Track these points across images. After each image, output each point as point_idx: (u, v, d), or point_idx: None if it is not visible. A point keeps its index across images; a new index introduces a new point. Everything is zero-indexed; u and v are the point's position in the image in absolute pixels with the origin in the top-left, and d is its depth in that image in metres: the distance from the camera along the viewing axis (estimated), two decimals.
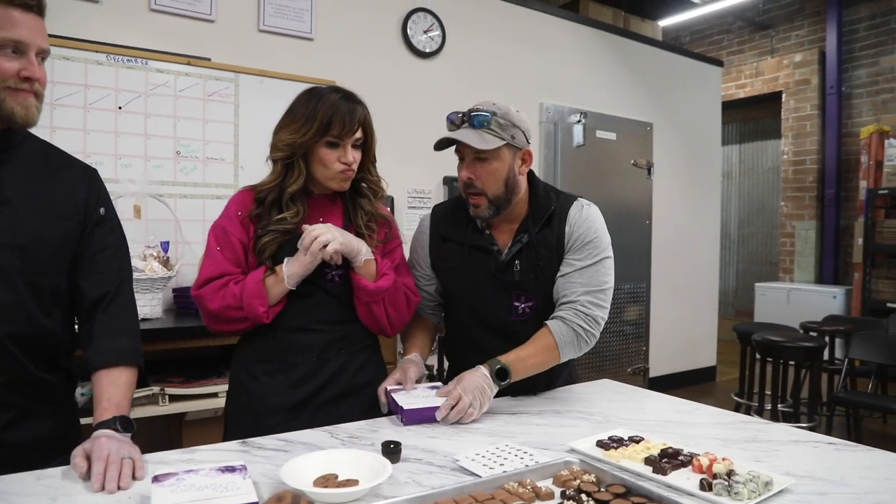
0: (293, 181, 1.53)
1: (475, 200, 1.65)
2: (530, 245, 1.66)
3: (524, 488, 1.08)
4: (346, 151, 1.52)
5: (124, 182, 2.95)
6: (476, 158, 1.63)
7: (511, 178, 1.64)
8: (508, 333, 1.66)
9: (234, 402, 1.62)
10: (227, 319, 1.52)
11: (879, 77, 6.65)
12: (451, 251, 1.73)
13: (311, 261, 1.48)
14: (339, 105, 1.51)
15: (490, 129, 1.60)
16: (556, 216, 1.68)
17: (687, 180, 5.68)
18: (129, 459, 1.15)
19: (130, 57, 3.01)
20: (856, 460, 1.31)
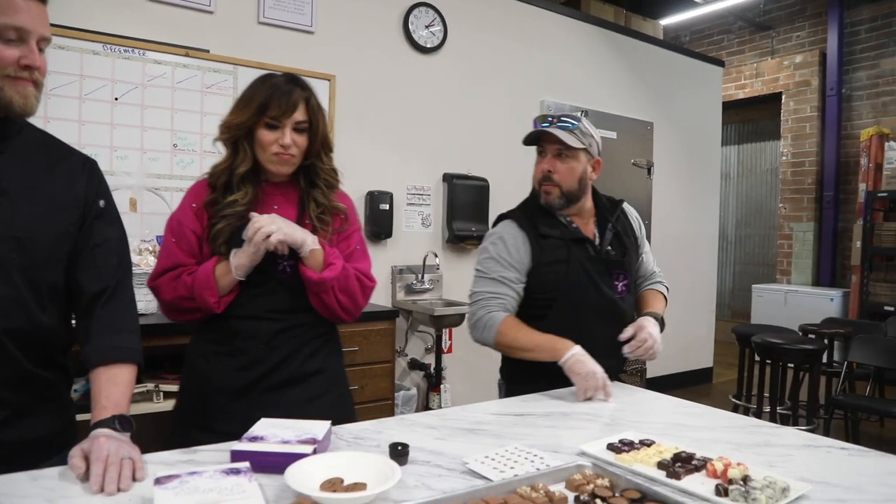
0: (240, 162, 1.54)
1: (548, 188, 1.87)
2: (618, 234, 1.97)
3: (537, 493, 1.05)
4: (284, 133, 1.51)
5: (120, 175, 2.90)
6: (557, 155, 1.86)
7: (583, 178, 1.89)
8: (613, 311, 1.90)
9: (185, 381, 1.65)
10: (180, 310, 1.56)
11: (880, 79, 6.65)
12: (551, 246, 1.89)
13: (254, 251, 1.49)
14: (279, 87, 1.52)
15: (574, 133, 1.84)
16: (621, 212, 2.03)
17: (686, 180, 5.66)
18: (128, 460, 1.11)
19: (127, 47, 2.96)
20: (870, 466, 1.29)
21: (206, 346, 1.60)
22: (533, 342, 1.78)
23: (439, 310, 3.62)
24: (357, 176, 3.72)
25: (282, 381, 1.57)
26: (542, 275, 1.87)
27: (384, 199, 3.73)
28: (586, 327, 1.81)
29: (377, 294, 3.77)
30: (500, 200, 4.27)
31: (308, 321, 1.61)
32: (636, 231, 2.04)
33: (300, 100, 1.53)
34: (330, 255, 1.55)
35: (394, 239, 3.85)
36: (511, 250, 1.88)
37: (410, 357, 3.94)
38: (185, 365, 1.66)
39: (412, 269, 3.90)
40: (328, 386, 1.64)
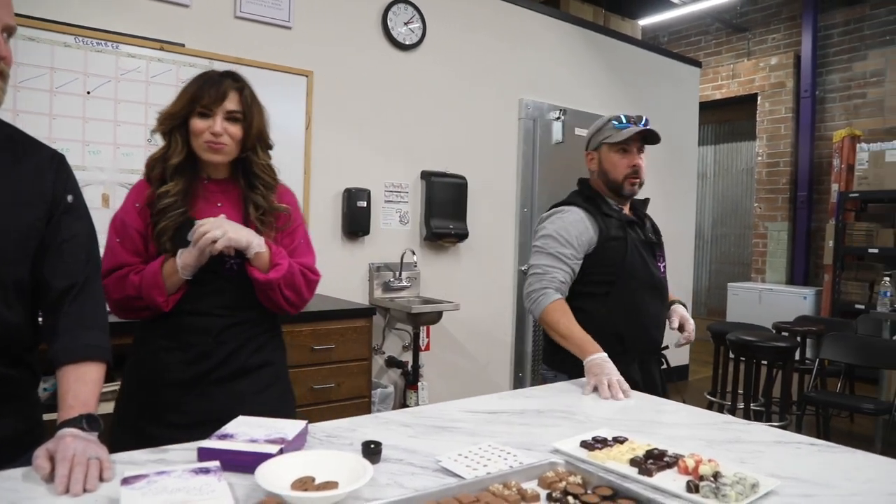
0: (173, 153, 1.56)
1: (633, 180, 2.09)
2: (652, 222, 2.28)
3: (509, 490, 1.05)
4: (215, 121, 1.54)
5: (92, 170, 2.86)
6: (640, 152, 2.11)
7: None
8: (660, 289, 2.13)
9: (133, 376, 1.65)
10: (129, 309, 1.57)
11: (852, 82, 6.76)
12: (613, 225, 2.07)
13: (199, 253, 1.51)
14: (211, 78, 1.58)
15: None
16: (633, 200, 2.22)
17: (663, 180, 5.71)
18: (95, 460, 1.09)
19: (100, 40, 2.91)
20: (838, 461, 1.30)
21: (155, 341, 1.61)
22: (570, 332, 1.91)
23: (417, 307, 3.61)
24: (334, 173, 3.71)
25: (230, 373, 1.62)
26: (606, 250, 2.05)
27: (362, 196, 3.71)
28: (642, 303, 2.05)
29: (354, 292, 3.76)
30: (479, 198, 4.28)
31: (254, 317, 1.66)
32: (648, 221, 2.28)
33: (231, 89, 1.57)
34: (276, 255, 1.59)
35: (371, 236, 3.84)
36: (570, 229, 2.03)
37: (388, 355, 3.93)
38: (131, 361, 1.66)
39: (390, 266, 3.89)
40: (274, 379, 1.70)
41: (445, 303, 3.78)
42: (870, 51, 6.61)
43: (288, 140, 3.50)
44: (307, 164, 3.58)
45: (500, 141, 4.46)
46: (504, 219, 4.51)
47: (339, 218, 3.74)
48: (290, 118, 3.51)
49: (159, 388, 1.59)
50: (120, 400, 1.67)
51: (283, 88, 3.48)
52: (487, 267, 4.42)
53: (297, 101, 3.53)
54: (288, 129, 3.50)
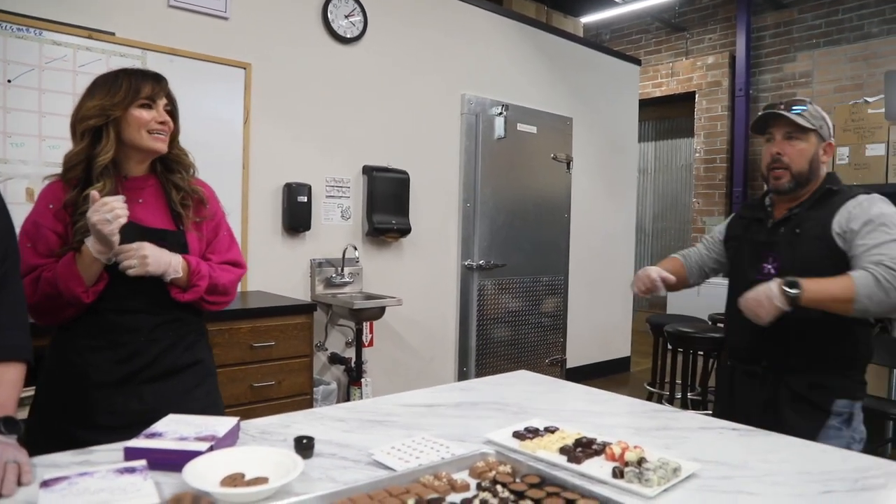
0: (102, 151, 1.52)
1: (778, 173, 1.84)
2: (798, 216, 1.83)
3: (440, 481, 1.06)
4: (160, 112, 1.57)
5: (15, 163, 2.74)
6: (786, 138, 1.83)
7: (814, 160, 1.83)
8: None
9: (54, 378, 1.60)
10: (49, 310, 1.52)
11: (783, 82, 7.03)
12: (738, 225, 2.02)
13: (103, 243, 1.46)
14: (143, 74, 1.59)
15: (804, 116, 1.81)
16: (828, 196, 1.81)
17: (605, 175, 5.83)
18: (13, 464, 1.05)
19: (21, 26, 2.78)
20: (757, 444, 1.37)
21: (80, 341, 1.56)
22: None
23: (359, 303, 3.60)
24: (274, 168, 3.65)
25: (161, 372, 1.59)
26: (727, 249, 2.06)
27: (302, 191, 3.67)
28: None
29: (295, 288, 3.72)
30: (421, 193, 4.28)
31: (184, 316, 1.65)
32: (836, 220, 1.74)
33: (166, 84, 1.61)
34: (194, 276, 1.59)
35: (312, 232, 3.79)
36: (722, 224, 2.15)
37: (330, 351, 3.90)
38: (52, 362, 1.61)
39: (331, 262, 3.86)
40: (204, 376, 1.69)
41: (388, 298, 3.77)
42: (798, 53, 6.89)
43: (226, 134, 3.43)
44: (246, 158, 3.51)
45: (442, 136, 4.47)
46: (447, 214, 4.53)
47: (279, 213, 3.68)
48: (228, 112, 3.44)
49: (86, 389, 1.54)
50: (39, 403, 1.61)
51: (221, 81, 3.40)
52: (430, 262, 4.43)
53: (235, 95, 3.46)
54: (225, 123, 3.43)
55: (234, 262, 1.73)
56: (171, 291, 1.58)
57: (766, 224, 1.90)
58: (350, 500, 0.98)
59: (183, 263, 1.56)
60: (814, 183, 1.85)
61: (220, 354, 2.58)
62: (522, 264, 4.96)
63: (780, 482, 1.14)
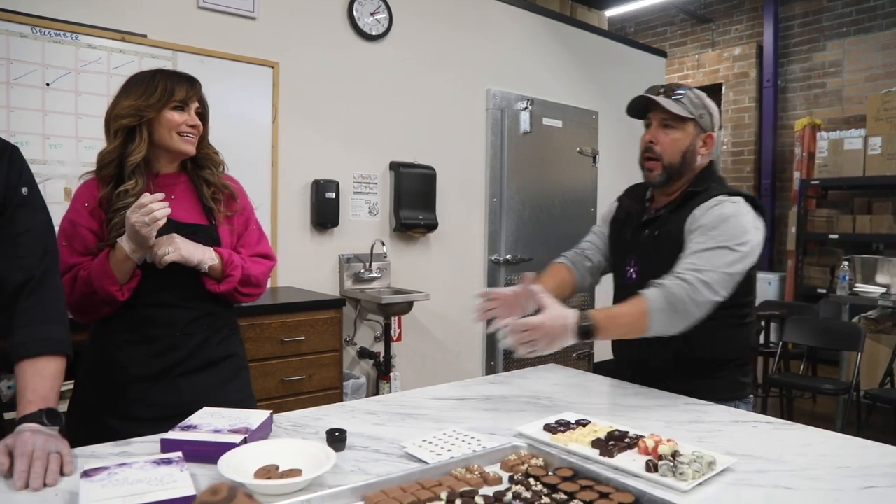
0: (134, 150, 1.56)
1: (650, 165, 1.73)
2: (661, 220, 1.71)
3: (472, 474, 1.07)
4: (192, 115, 1.61)
5: (53, 163, 2.80)
6: (662, 126, 1.70)
7: (689, 152, 1.69)
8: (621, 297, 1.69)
9: (93, 370, 1.64)
10: (87, 308, 1.56)
11: (812, 72, 6.89)
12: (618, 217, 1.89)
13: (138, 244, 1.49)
14: (177, 77, 1.62)
15: (683, 103, 1.68)
16: (693, 202, 1.67)
17: (631, 169, 5.72)
18: (56, 454, 1.08)
19: (59, 31, 2.85)
20: (792, 438, 1.35)
21: (118, 335, 1.59)
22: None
23: (387, 298, 3.62)
24: (302, 165, 3.68)
25: (196, 365, 1.63)
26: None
27: (330, 187, 3.69)
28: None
29: (324, 283, 3.75)
30: (448, 188, 4.29)
31: (218, 310, 1.68)
32: (684, 228, 1.64)
33: (199, 87, 1.65)
34: (227, 266, 1.62)
35: (340, 228, 3.82)
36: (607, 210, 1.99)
37: (359, 346, 3.92)
38: (90, 357, 1.65)
39: (360, 257, 3.88)
40: (237, 370, 1.72)
41: (416, 293, 3.79)
42: (828, 42, 6.74)
43: (255, 132, 3.47)
44: (274, 156, 3.54)
45: (468, 131, 4.46)
46: (473, 209, 4.53)
47: (307, 210, 3.72)
48: (257, 110, 3.48)
49: (124, 383, 1.58)
50: (78, 396, 1.65)
51: (249, 80, 3.44)
52: (457, 257, 4.43)
53: (263, 93, 3.50)
54: (254, 122, 3.47)
55: (265, 254, 1.76)
56: (206, 283, 1.60)
57: (638, 221, 1.79)
58: (383, 492, 0.99)
59: (216, 255, 1.59)
60: (688, 176, 1.72)
61: (252, 349, 2.62)
62: (549, 258, 4.87)
63: (818, 476, 1.13)
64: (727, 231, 1.57)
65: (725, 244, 1.55)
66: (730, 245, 1.56)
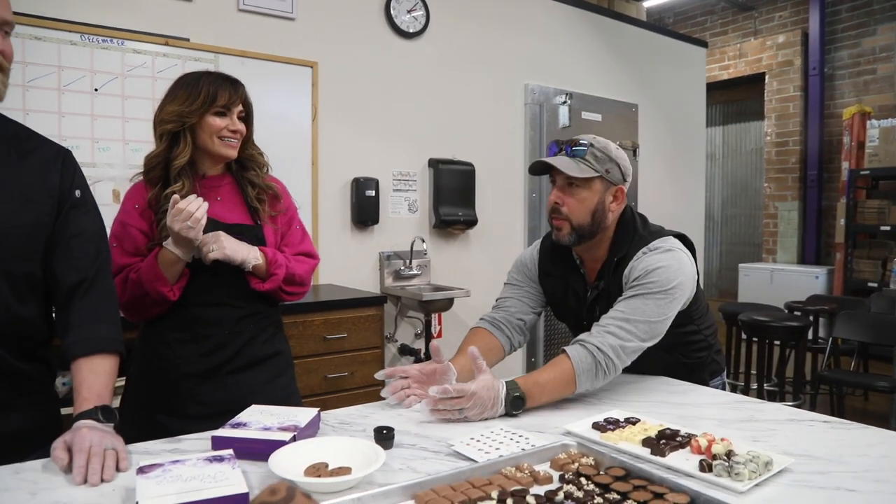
0: (179, 154, 1.58)
1: (558, 224, 1.66)
2: (604, 292, 1.68)
3: (522, 472, 1.06)
4: (233, 120, 1.61)
5: (102, 166, 2.88)
6: (567, 185, 1.63)
7: (599, 210, 1.64)
8: None
9: (145, 368, 1.67)
10: (138, 308, 1.59)
11: (861, 58, 6.67)
12: (553, 284, 1.80)
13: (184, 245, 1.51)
14: (222, 81, 1.63)
15: (585, 160, 1.61)
16: (621, 263, 1.65)
17: (672, 162, 5.67)
18: (112, 451, 1.10)
19: (105, 37, 2.92)
20: (852, 438, 1.30)
21: (168, 334, 1.63)
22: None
23: (428, 295, 3.62)
24: (342, 163, 3.71)
25: (244, 363, 1.66)
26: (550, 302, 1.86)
27: (370, 185, 3.71)
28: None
29: (365, 281, 3.77)
30: (487, 184, 4.27)
31: (264, 309, 1.71)
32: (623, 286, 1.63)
33: (243, 91, 1.66)
34: (272, 265, 1.63)
35: (380, 225, 3.84)
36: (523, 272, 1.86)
37: (400, 342, 3.94)
38: (141, 355, 1.68)
39: (400, 254, 3.89)
40: (283, 367, 1.76)
41: (456, 289, 3.78)
42: (879, 26, 6.51)
43: (295, 132, 3.51)
44: (315, 155, 3.58)
45: (506, 126, 4.44)
46: (513, 205, 4.50)
47: (347, 208, 3.74)
48: (297, 110, 3.51)
49: (174, 381, 1.61)
50: (129, 393, 1.69)
51: (289, 80, 3.48)
52: (497, 253, 4.41)
53: (303, 93, 3.53)
54: (294, 121, 3.51)
55: (308, 253, 1.78)
56: (251, 282, 1.63)
57: (584, 300, 1.73)
58: (433, 490, 0.99)
59: (260, 254, 1.61)
60: (605, 234, 1.67)
61: (295, 346, 2.64)
62: None
63: (883, 479, 1.08)
64: (655, 281, 1.56)
65: (652, 292, 1.56)
66: (656, 293, 1.56)
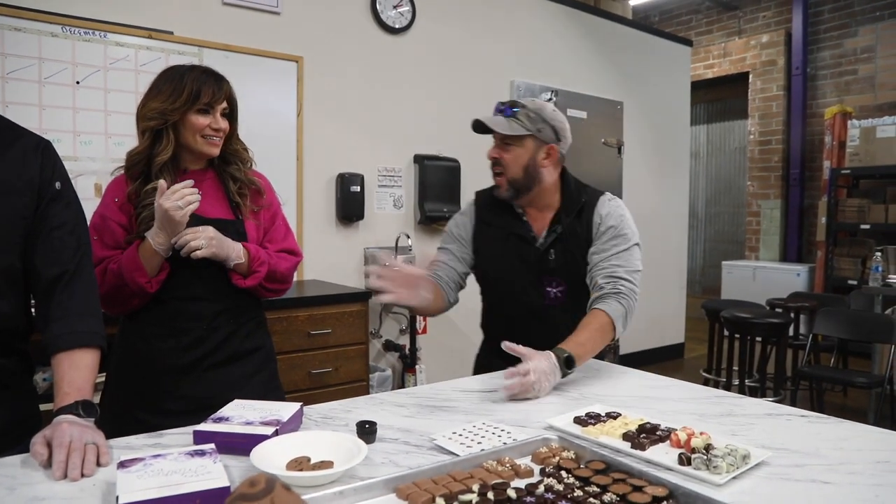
0: (161, 151, 1.58)
1: (497, 180, 1.83)
2: (564, 235, 1.81)
3: (503, 466, 1.06)
4: (216, 118, 1.60)
5: (84, 160, 2.85)
6: (503, 142, 1.79)
7: (531, 166, 1.78)
8: (541, 316, 1.82)
9: (124, 363, 1.66)
10: (117, 300, 1.58)
11: (843, 59, 6.75)
12: (493, 236, 1.88)
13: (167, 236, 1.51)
14: (206, 76, 1.60)
15: (518, 120, 1.76)
16: (585, 208, 1.83)
17: (656, 159, 5.71)
18: (92, 445, 1.10)
19: (87, 29, 2.89)
20: (828, 432, 1.32)
21: (147, 328, 1.63)
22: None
23: None
24: (327, 158, 3.70)
25: (224, 358, 1.65)
26: (481, 264, 1.92)
27: (355, 181, 3.71)
28: (520, 330, 1.73)
29: (350, 276, 3.77)
30: (472, 181, 4.27)
31: (244, 303, 1.70)
32: (594, 231, 1.81)
33: (227, 87, 1.64)
34: (254, 262, 1.63)
35: (365, 221, 3.83)
36: (460, 227, 1.94)
37: (385, 338, 3.94)
38: (120, 350, 1.68)
39: (385, 250, 3.89)
40: (265, 362, 1.74)
41: None
42: (860, 27, 6.59)
43: (280, 126, 3.49)
44: (300, 150, 3.56)
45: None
46: None
47: (332, 203, 3.73)
48: (282, 105, 3.50)
49: (153, 376, 1.61)
50: (108, 388, 1.68)
51: (274, 75, 3.46)
52: None
53: (288, 88, 3.52)
54: (279, 116, 3.49)
55: (291, 250, 1.77)
56: (233, 278, 1.63)
57: (533, 244, 1.83)
58: (415, 484, 0.99)
59: (243, 250, 1.61)
60: (545, 188, 1.82)
61: (279, 342, 2.64)
62: None
63: (857, 471, 1.10)
64: (630, 228, 1.81)
65: (635, 242, 1.80)
66: (636, 242, 1.80)
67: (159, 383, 1.60)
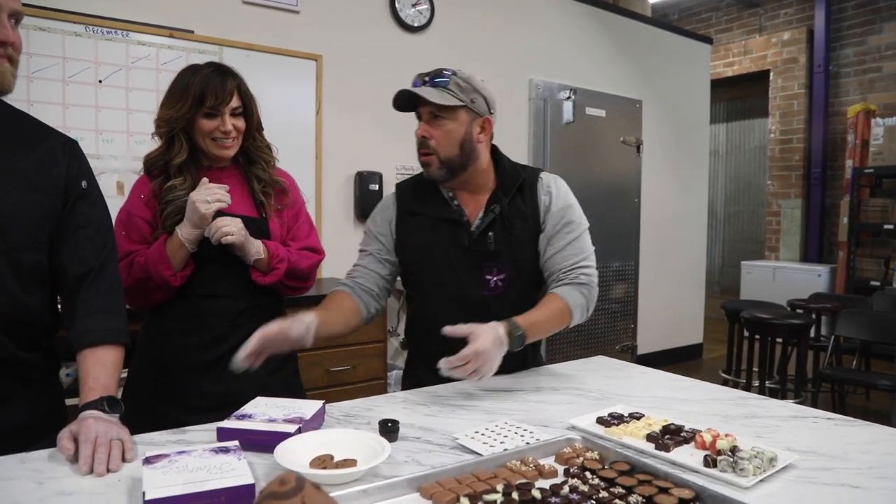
0: (176, 154, 1.60)
1: (426, 160, 1.62)
2: (504, 215, 1.64)
3: (527, 466, 1.06)
4: (223, 121, 1.58)
5: (106, 158, 2.88)
6: (432, 117, 1.60)
7: (467, 141, 1.61)
8: (480, 310, 1.58)
9: (145, 358, 1.68)
10: (141, 293, 1.59)
11: (866, 56, 6.65)
12: (418, 226, 1.68)
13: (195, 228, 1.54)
14: (211, 78, 1.57)
15: (449, 90, 1.58)
16: (526, 187, 1.68)
17: (675, 158, 5.66)
18: (117, 441, 1.10)
19: (110, 28, 2.91)
20: (856, 435, 1.30)
21: (169, 324, 1.64)
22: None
23: None
24: (346, 157, 3.70)
25: None
26: (405, 256, 1.70)
27: (373, 179, 3.71)
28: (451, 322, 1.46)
29: None
30: None
31: (267, 301, 1.71)
32: (542, 212, 1.67)
33: (234, 88, 1.60)
34: (273, 259, 1.64)
35: None
36: (379, 224, 1.74)
37: (402, 337, 3.94)
38: (143, 345, 1.70)
39: None
40: (285, 360, 1.73)
41: None
42: (885, 24, 6.49)
43: (298, 125, 3.51)
44: (318, 148, 3.58)
45: (510, 121, 4.43)
46: None
47: (351, 201, 3.74)
48: (300, 103, 3.51)
49: (175, 372, 1.62)
50: (131, 384, 1.70)
51: (293, 73, 3.47)
52: None
53: (307, 86, 3.53)
54: (298, 114, 3.50)
55: (313, 248, 1.78)
56: (253, 275, 1.63)
57: (468, 228, 1.63)
58: (438, 483, 0.99)
59: (263, 247, 1.62)
60: (480, 168, 1.64)
61: None
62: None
63: (887, 476, 1.08)
64: (578, 212, 1.70)
65: (586, 226, 1.70)
66: (587, 226, 1.71)
67: (181, 379, 1.62)
